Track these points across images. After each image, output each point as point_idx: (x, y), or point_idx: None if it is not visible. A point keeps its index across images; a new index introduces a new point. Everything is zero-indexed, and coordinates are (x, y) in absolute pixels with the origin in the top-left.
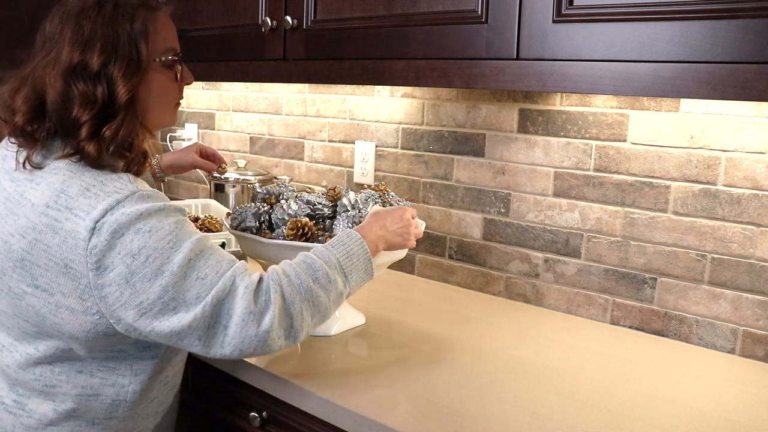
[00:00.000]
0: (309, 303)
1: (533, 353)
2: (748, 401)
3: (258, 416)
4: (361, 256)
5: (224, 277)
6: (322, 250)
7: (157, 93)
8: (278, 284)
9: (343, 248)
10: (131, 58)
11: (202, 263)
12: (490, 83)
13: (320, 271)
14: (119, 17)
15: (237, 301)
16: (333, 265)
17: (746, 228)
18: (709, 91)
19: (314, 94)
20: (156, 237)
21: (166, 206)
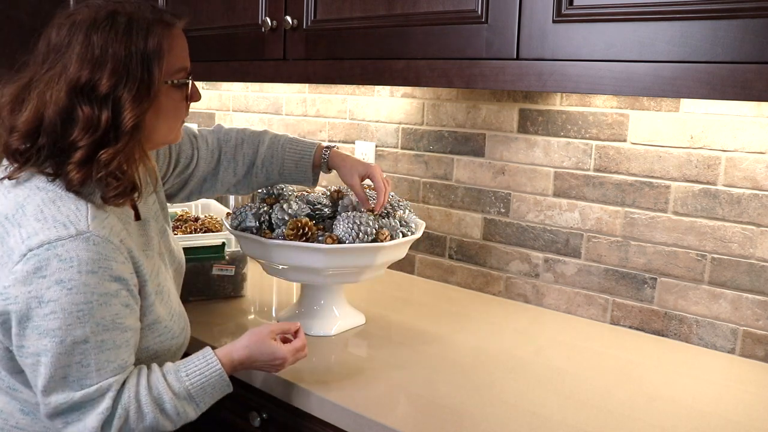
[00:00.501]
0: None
1: (533, 353)
2: (748, 401)
3: (258, 416)
4: (217, 386)
5: (100, 385)
6: (174, 381)
7: (165, 114)
8: (125, 414)
9: (198, 379)
10: (142, 81)
11: (93, 351)
12: (490, 83)
13: (168, 404)
14: (133, 34)
15: (91, 416)
16: (183, 396)
17: (746, 228)
18: (709, 91)
19: (314, 94)
20: (72, 300)
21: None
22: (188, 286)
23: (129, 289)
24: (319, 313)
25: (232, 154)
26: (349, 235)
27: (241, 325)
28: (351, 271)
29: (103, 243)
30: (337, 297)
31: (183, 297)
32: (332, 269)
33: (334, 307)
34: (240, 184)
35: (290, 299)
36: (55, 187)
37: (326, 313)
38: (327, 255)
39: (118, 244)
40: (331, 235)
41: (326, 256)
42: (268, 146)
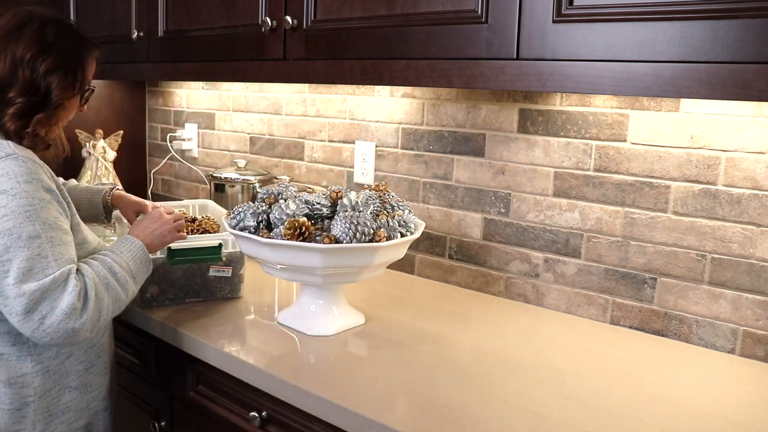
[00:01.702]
0: (113, 300)
1: (533, 353)
2: (748, 401)
3: (258, 416)
4: (144, 259)
5: (62, 270)
6: (115, 256)
7: (69, 110)
8: (94, 284)
9: (130, 254)
10: (75, 76)
11: (47, 245)
12: (490, 83)
13: (119, 274)
14: (76, 39)
15: (65, 297)
16: (126, 269)
17: (746, 228)
18: (709, 91)
19: (314, 94)
20: (18, 203)
21: (38, 179)
22: (185, 288)
23: (59, 200)
24: (318, 313)
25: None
26: (346, 235)
27: (239, 326)
28: (349, 271)
29: (29, 162)
30: (337, 297)
31: (179, 298)
32: (330, 269)
33: (333, 307)
34: None
35: (288, 300)
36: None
37: (325, 313)
38: (324, 255)
39: (41, 164)
40: (328, 234)
41: (323, 256)
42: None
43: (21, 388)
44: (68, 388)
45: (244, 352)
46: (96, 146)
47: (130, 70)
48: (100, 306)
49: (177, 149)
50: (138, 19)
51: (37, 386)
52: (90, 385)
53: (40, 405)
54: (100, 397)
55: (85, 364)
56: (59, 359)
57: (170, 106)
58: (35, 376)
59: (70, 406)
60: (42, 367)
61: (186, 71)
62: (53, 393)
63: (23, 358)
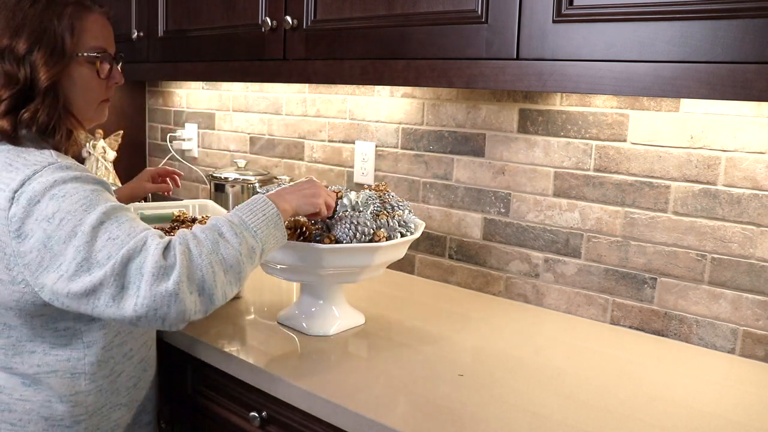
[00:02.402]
0: (217, 256)
1: (533, 353)
2: (748, 401)
3: (258, 416)
4: (267, 211)
5: (136, 237)
6: (228, 215)
7: (80, 86)
8: (185, 241)
9: (246, 207)
10: (55, 47)
11: (114, 226)
12: (490, 83)
13: (224, 227)
14: (50, 11)
15: (148, 259)
16: (237, 222)
17: (746, 228)
18: (709, 91)
19: (314, 94)
20: (69, 201)
21: (83, 176)
22: None
23: (110, 191)
24: (318, 313)
25: None
26: (346, 235)
27: (239, 326)
28: (349, 271)
29: (72, 167)
30: (337, 297)
31: None
32: (330, 269)
33: (333, 307)
34: None
35: (289, 300)
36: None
37: (325, 313)
38: (324, 255)
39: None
40: (328, 235)
41: (324, 256)
42: None
43: (74, 406)
44: (118, 405)
45: (244, 352)
46: (96, 146)
47: (130, 70)
48: (194, 263)
49: (177, 149)
50: (138, 19)
51: (89, 405)
52: (137, 401)
53: (91, 423)
54: (145, 411)
55: (134, 380)
56: (112, 377)
57: (170, 106)
58: (88, 395)
59: (119, 423)
60: (96, 386)
61: (186, 71)
62: (104, 411)
63: (77, 377)
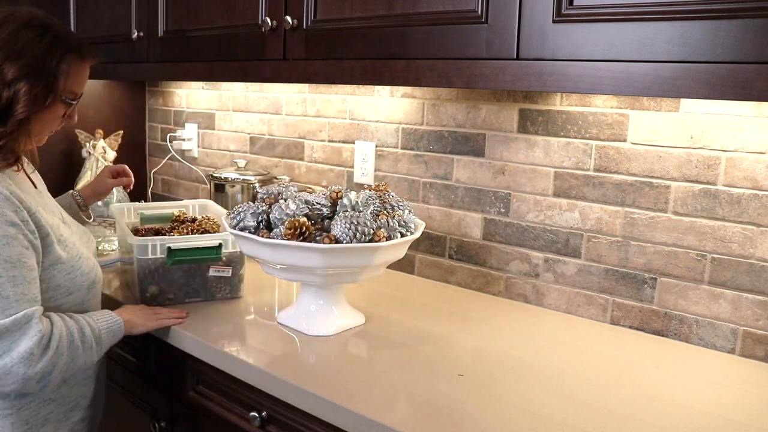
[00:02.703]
0: (70, 360)
1: (533, 353)
2: (748, 401)
3: (258, 416)
4: (117, 332)
5: (25, 312)
6: (91, 320)
7: (47, 122)
8: (59, 337)
9: (106, 324)
10: (45, 86)
11: (9, 284)
12: (490, 83)
13: (87, 336)
14: (54, 50)
15: (24, 340)
16: (96, 335)
17: (746, 228)
18: (709, 91)
19: (314, 94)
20: None
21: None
22: (185, 288)
23: (25, 233)
24: (318, 313)
25: None
26: (346, 235)
27: (239, 326)
28: (349, 271)
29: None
30: (337, 297)
31: (179, 299)
32: (330, 269)
33: (333, 307)
34: None
35: (288, 300)
36: None
37: (325, 313)
38: (324, 255)
39: (8, 195)
40: (328, 234)
41: (323, 256)
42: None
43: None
44: (47, 400)
45: (244, 352)
46: (96, 146)
47: (130, 70)
48: (56, 361)
49: (177, 149)
50: (138, 19)
51: (13, 399)
52: (68, 396)
53: (19, 417)
54: (79, 407)
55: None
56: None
57: (170, 106)
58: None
59: (49, 418)
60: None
61: (186, 71)
62: (32, 405)
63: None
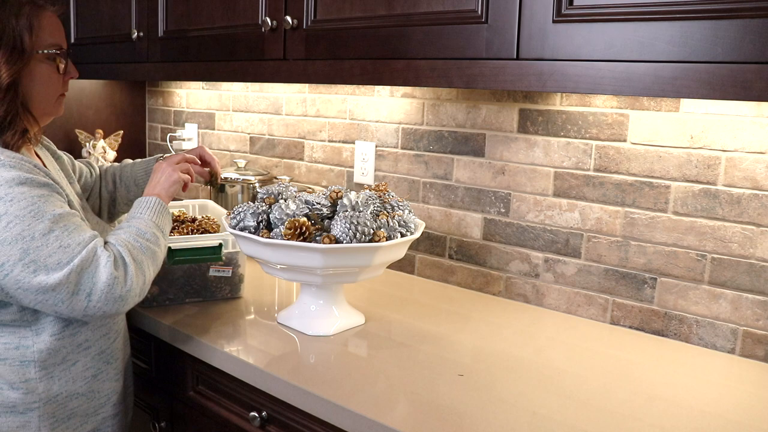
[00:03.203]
0: (151, 259)
1: (533, 353)
2: (748, 401)
3: (258, 416)
4: (164, 211)
5: (87, 247)
6: (137, 220)
7: (39, 82)
8: (128, 251)
9: (149, 211)
10: (15, 46)
11: (64, 234)
12: (490, 83)
13: (147, 233)
14: (6, 11)
15: (101, 270)
16: (152, 225)
17: (746, 228)
18: (709, 91)
19: (314, 94)
20: (17, 206)
21: (29, 178)
22: (185, 288)
23: (58, 192)
24: (318, 313)
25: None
26: (346, 235)
27: (239, 326)
28: (349, 271)
29: (17, 165)
30: (337, 297)
31: (179, 299)
32: (330, 269)
33: (333, 307)
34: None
35: (288, 300)
36: None
37: (325, 313)
38: (324, 255)
39: (32, 167)
40: (328, 234)
41: (323, 256)
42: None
43: (25, 393)
44: (75, 395)
45: (244, 352)
46: (96, 146)
47: (130, 70)
48: (142, 268)
49: (177, 149)
50: (138, 19)
51: (41, 392)
52: (98, 392)
53: (46, 411)
54: (109, 403)
55: (93, 371)
56: (64, 366)
57: (170, 106)
58: (39, 382)
59: (76, 412)
60: (46, 374)
61: (186, 71)
62: (59, 399)
63: (27, 364)
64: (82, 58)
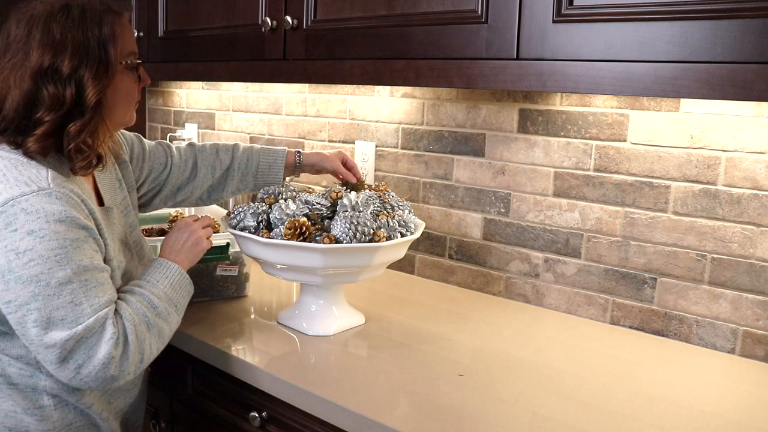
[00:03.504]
0: (156, 337)
1: (533, 353)
2: (748, 401)
3: (258, 416)
4: (184, 283)
5: (98, 315)
6: (152, 287)
7: (122, 94)
8: (134, 327)
9: (168, 282)
10: (101, 60)
11: (82, 290)
12: (490, 83)
13: (160, 308)
14: (88, 21)
15: (101, 346)
16: (166, 299)
17: (746, 228)
18: (709, 91)
19: (314, 94)
20: (46, 246)
21: (69, 218)
22: None
23: (95, 238)
24: (318, 313)
25: (210, 161)
26: (346, 235)
27: (246, 325)
28: (349, 271)
29: (65, 198)
30: (337, 297)
31: None
32: (330, 269)
33: (333, 307)
34: (214, 189)
35: (289, 300)
36: (17, 155)
37: (326, 313)
38: (324, 255)
39: (79, 202)
40: (328, 234)
41: (323, 256)
42: (243, 152)
43: (39, 420)
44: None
45: (244, 352)
46: None
47: None
48: (143, 348)
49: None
50: (138, 19)
51: (56, 420)
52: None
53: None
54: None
55: (107, 398)
56: (77, 395)
57: (170, 106)
58: (54, 410)
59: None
60: (59, 402)
61: (186, 71)
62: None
63: (39, 393)
64: None
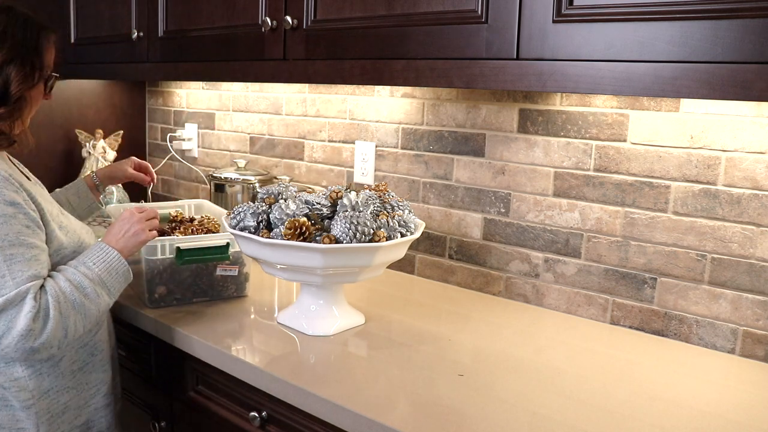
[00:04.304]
0: (82, 316)
1: (533, 353)
2: (748, 401)
3: (258, 416)
4: (121, 270)
5: (19, 289)
6: (86, 270)
7: (31, 102)
8: (57, 303)
9: (103, 266)
10: (33, 64)
11: (5, 264)
12: (490, 83)
13: (89, 289)
14: (29, 27)
15: (20, 319)
16: (97, 282)
17: (746, 228)
18: (709, 91)
19: (314, 94)
20: None
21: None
22: (192, 288)
23: (26, 212)
24: (318, 313)
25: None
26: (346, 235)
27: (246, 325)
28: (349, 271)
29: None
30: (337, 297)
31: (187, 298)
32: (330, 269)
33: (333, 307)
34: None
35: (289, 300)
36: None
37: (326, 313)
38: (324, 255)
39: (6, 176)
40: (328, 234)
41: (323, 256)
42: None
43: (18, 391)
44: (66, 388)
45: (244, 352)
46: (96, 146)
47: (130, 70)
48: (66, 324)
49: (177, 149)
50: (138, 19)
51: (33, 389)
52: (87, 383)
53: (41, 406)
54: (99, 394)
55: (78, 364)
56: (51, 362)
57: (170, 106)
58: (29, 379)
59: (69, 405)
60: (34, 371)
61: (186, 71)
62: (51, 394)
63: (12, 364)
64: (82, 58)
